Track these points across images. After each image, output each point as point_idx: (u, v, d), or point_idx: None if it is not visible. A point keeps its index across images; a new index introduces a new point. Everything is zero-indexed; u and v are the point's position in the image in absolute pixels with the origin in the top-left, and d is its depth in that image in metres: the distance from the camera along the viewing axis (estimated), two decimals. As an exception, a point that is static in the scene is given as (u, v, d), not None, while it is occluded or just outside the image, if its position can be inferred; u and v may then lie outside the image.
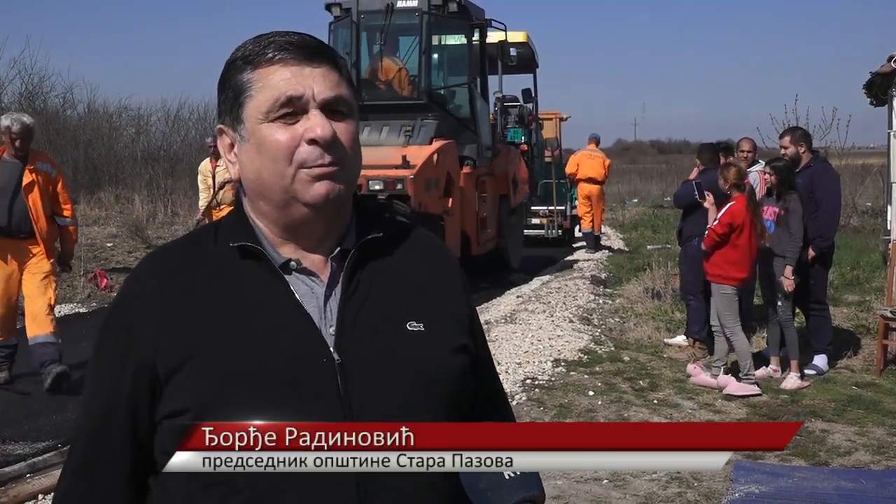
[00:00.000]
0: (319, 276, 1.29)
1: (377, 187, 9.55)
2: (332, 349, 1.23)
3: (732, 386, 6.31)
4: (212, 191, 9.88)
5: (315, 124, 1.23)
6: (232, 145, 1.30)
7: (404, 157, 9.76)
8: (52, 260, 6.33)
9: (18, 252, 6.22)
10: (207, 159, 10.56)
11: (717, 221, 6.42)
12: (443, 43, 11.71)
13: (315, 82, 1.24)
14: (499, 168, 12.29)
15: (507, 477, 1.17)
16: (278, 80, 1.24)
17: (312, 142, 1.23)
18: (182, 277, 1.27)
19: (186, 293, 1.25)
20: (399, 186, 9.53)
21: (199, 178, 10.26)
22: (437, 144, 10.37)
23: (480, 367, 1.40)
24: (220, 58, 1.32)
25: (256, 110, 1.24)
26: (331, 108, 1.25)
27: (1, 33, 67.65)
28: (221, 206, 9.65)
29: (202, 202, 10.20)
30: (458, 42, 11.75)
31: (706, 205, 6.79)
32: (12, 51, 44.33)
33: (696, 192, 7.12)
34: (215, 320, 1.23)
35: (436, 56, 11.55)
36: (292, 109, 1.23)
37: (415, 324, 1.29)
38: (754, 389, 6.30)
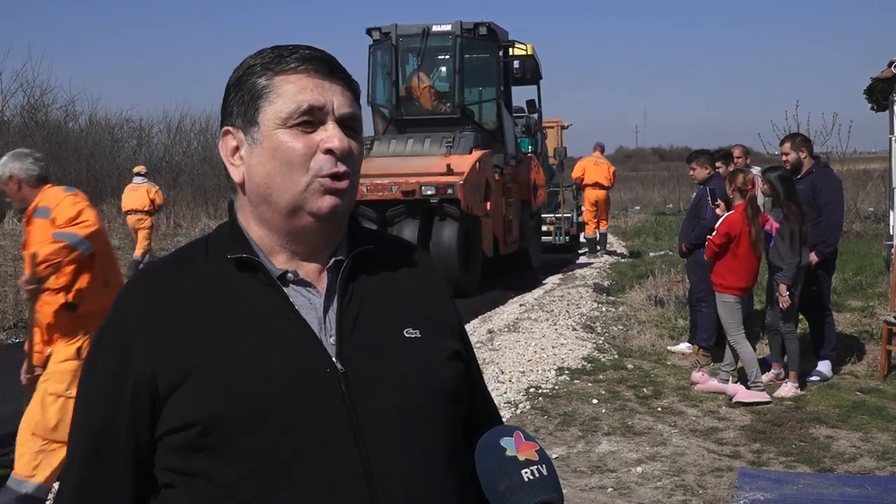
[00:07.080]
0: (316, 287, 1.29)
1: (429, 192, 10.57)
2: (334, 359, 1.24)
3: (742, 393, 6.31)
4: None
5: (333, 135, 1.25)
6: (237, 148, 1.30)
7: (448, 166, 10.73)
8: None
9: None
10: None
11: (714, 232, 6.43)
12: (473, 63, 12.70)
13: (335, 96, 1.27)
14: (521, 175, 13.27)
15: (526, 479, 1.16)
16: (301, 88, 1.26)
17: (329, 152, 1.25)
18: (176, 292, 1.26)
19: (182, 308, 1.24)
20: (450, 191, 10.52)
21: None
22: (477, 154, 11.29)
23: (471, 373, 1.42)
24: (221, 69, 1.33)
25: (275, 115, 1.25)
26: (345, 124, 1.28)
27: (3, 46, 67.83)
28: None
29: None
30: (487, 62, 12.71)
31: (718, 211, 6.78)
32: (14, 63, 44.35)
33: (710, 198, 7.13)
34: (215, 334, 1.22)
35: (467, 74, 12.53)
36: (311, 118, 1.25)
37: (411, 331, 1.31)
38: (763, 396, 6.28)
